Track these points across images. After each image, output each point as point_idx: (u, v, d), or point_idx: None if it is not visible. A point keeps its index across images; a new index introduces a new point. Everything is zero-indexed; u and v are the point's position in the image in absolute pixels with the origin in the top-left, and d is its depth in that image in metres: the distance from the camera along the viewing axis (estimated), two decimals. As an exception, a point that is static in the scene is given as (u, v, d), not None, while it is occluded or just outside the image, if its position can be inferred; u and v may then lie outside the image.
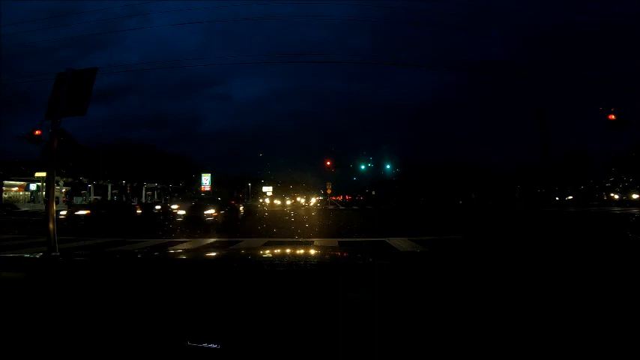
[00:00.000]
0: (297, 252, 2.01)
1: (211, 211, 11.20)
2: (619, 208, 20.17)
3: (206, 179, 49.84)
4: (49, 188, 3.84)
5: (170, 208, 15.77)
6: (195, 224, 10.40)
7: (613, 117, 11.38)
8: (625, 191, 41.08)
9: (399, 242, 6.72)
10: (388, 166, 29.24)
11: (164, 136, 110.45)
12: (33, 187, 36.87)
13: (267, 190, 60.79)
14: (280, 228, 10.72)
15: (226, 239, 7.95)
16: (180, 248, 6.39)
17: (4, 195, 34.95)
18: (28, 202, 34.99)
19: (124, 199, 40.47)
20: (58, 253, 1.63)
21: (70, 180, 36.22)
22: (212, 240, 7.94)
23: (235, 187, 55.60)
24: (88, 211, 14.20)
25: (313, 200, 48.61)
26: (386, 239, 7.21)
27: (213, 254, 1.70)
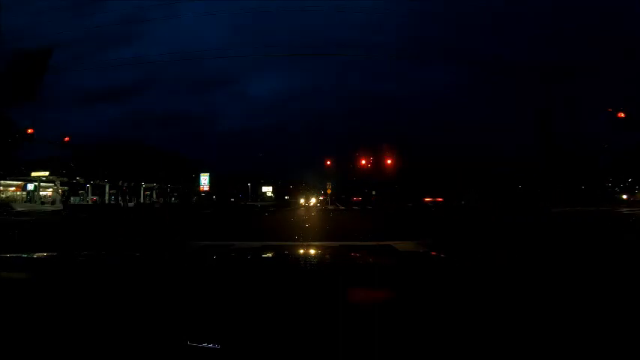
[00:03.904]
0: (297, 252, 1.98)
1: None
2: (627, 209, 19.97)
3: (204, 179, 49.73)
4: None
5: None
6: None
7: (622, 115, 11.07)
8: (630, 190, 40.88)
9: (401, 244, 6.40)
10: (389, 164, 29.01)
11: (165, 136, 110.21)
12: (30, 186, 36.68)
13: (267, 190, 60.61)
14: (277, 229, 10.42)
15: (221, 242, 7.65)
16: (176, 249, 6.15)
17: (1, 195, 34.74)
18: (25, 201, 34.75)
19: (121, 199, 40.26)
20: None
21: (66, 180, 35.99)
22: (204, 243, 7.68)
23: (235, 186, 55.42)
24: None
25: (313, 200, 48.35)
26: (389, 242, 6.88)
27: (211, 255, 1.65)
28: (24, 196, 37.00)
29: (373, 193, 46.74)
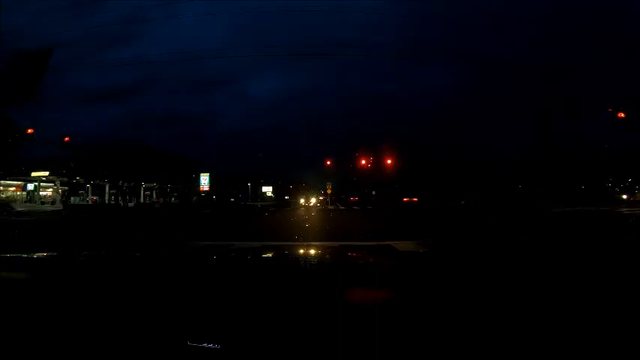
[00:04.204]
0: (297, 252, 1.97)
1: None
2: (628, 209, 19.97)
3: (204, 179, 49.67)
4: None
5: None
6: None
7: (622, 115, 11.05)
8: (630, 190, 40.86)
9: (401, 244, 6.38)
10: (389, 164, 29.00)
11: (165, 136, 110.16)
12: (30, 187, 36.63)
13: (267, 190, 60.56)
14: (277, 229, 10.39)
15: (221, 242, 7.64)
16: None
17: (1, 195, 34.71)
18: (25, 202, 34.71)
19: (121, 199, 40.19)
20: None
21: (66, 180, 35.93)
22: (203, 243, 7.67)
23: (235, 186, 55.39)
24: None
25: (313, 200, 48.29)
26: (389, 242, 6.87)
27: (211, 255, 1.64)
28: (24, 196, 36.95)
29: (373, 193, 46.66)
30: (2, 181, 34.61)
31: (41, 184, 36.44)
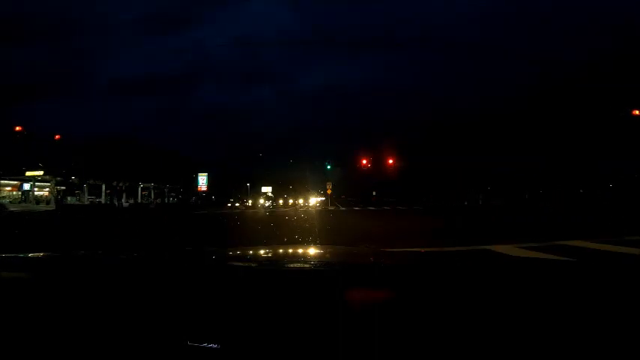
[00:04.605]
0: (297, 252, 1.94)
1: None
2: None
3: (202, 179, 49.19)
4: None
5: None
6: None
7: (637, 112, 10.59)
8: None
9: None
10: (390, 164, 28.71)
11: (165, 135, 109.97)
12: (26, 186, 36.24)
13: (267, 190, 60.03)
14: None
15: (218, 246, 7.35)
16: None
17: (-4, 195, 34.42)
18: (20, 202, 34.31)
19: (116, 199, 39.70)
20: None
21: (61, 179, 35.53)
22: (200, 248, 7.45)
23: (234, 186, 54.94)
24: None
25: (313, 201, 47.90)
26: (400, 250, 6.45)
27: (211, 255, 1.61)
28: (19, 195, 36.62)
29: (374, 193, 46.34)
30: (1, 181, 34.45)
31: (38, 183, 36.11)
